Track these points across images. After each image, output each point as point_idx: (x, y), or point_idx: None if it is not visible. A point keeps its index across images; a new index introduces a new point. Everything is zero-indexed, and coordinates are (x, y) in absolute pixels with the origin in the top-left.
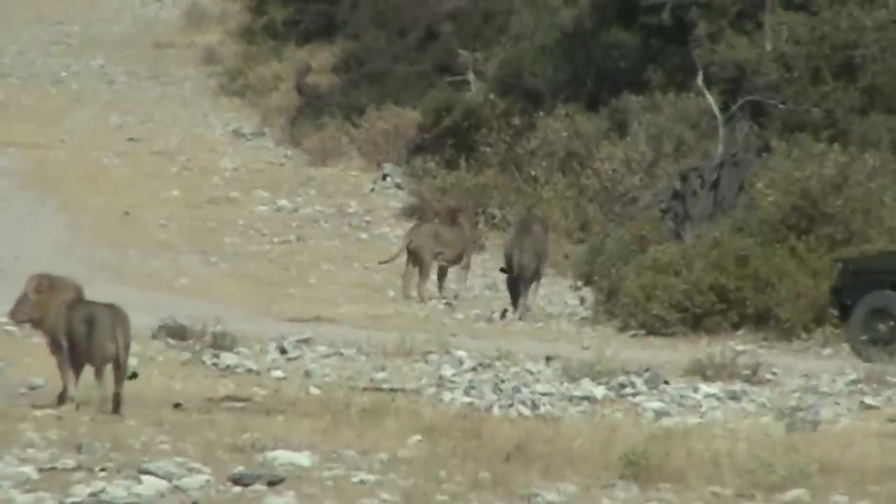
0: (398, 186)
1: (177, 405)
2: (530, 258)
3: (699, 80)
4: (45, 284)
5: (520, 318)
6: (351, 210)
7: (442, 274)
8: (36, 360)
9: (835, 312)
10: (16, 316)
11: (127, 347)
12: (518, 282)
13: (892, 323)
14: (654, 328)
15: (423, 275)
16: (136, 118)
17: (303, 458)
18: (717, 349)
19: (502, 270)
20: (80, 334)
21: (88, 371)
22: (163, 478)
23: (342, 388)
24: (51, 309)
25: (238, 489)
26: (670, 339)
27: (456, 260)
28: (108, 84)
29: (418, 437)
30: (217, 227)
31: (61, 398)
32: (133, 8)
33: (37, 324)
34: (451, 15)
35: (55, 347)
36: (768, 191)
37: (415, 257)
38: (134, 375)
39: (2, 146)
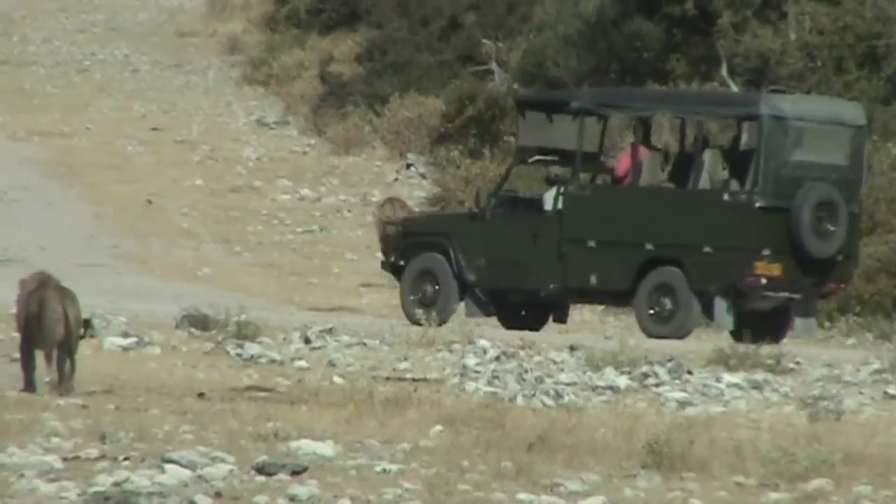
0: (422, 176)
1: (200, 395)
2: None
3: (723, 70)
4: (19, 284)
5: None
6: (374, 199)
7: None
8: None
9: (389, 273)
10: None
11: (77, 328)
12: None
13: (437, 285)
14: None
15: None
16: (160, 107)
17: (326, 448)
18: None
19: None
20: (32, 318)
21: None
22: (186, 467)
23: (365, 378)
24: (20, 303)
25: (261, 478)
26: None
27: None
28: (132, 73)
29: (441, 426)
30: (240, 217)
31: (27, 386)
32: None
33: None
34: (475, 4)
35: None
36: None
37: None
38: (88, 325)
39: (26, 135)
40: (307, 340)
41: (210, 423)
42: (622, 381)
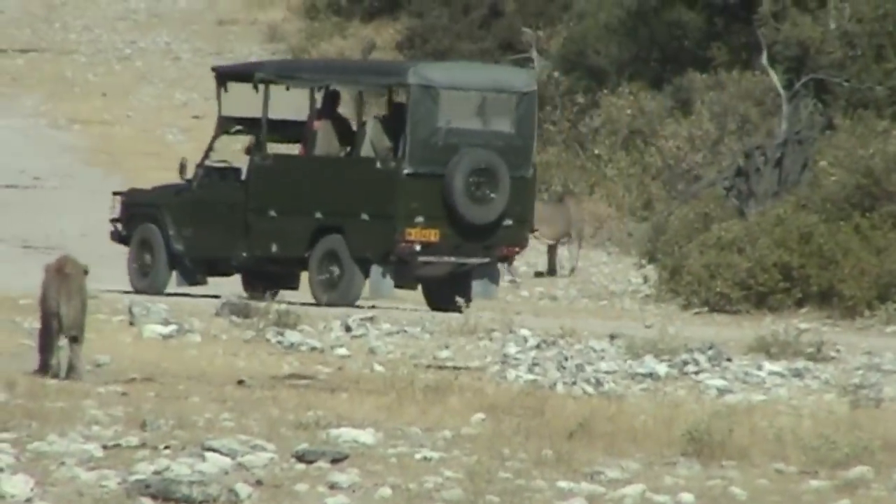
0: None
1: (240, 382)
2: None
3: (763, 58)
4: (44, 268)
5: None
6: None
7: (550, 251)
8: (100, 337)
9: (118, 243)
10: None
11: (80, 315)
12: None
13: (153, 254)
14: (718, 306)
15: None
16: (200, 95)
17: (366, 436)
18: (781, 327)
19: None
20: (43, 303)
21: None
22: (227, 455)
23: (406, 366)
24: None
25: (302, 466)
26: (734, 316)
27: (556, 236)
28: (173, 61)
29: (482, 414)
30: None
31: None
32: None
33: None
34: None
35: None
36: (832, 168)
37: None
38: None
39: (68, 123)
40: (348, 328)
41: (250, 411)
42: (662, 369)
